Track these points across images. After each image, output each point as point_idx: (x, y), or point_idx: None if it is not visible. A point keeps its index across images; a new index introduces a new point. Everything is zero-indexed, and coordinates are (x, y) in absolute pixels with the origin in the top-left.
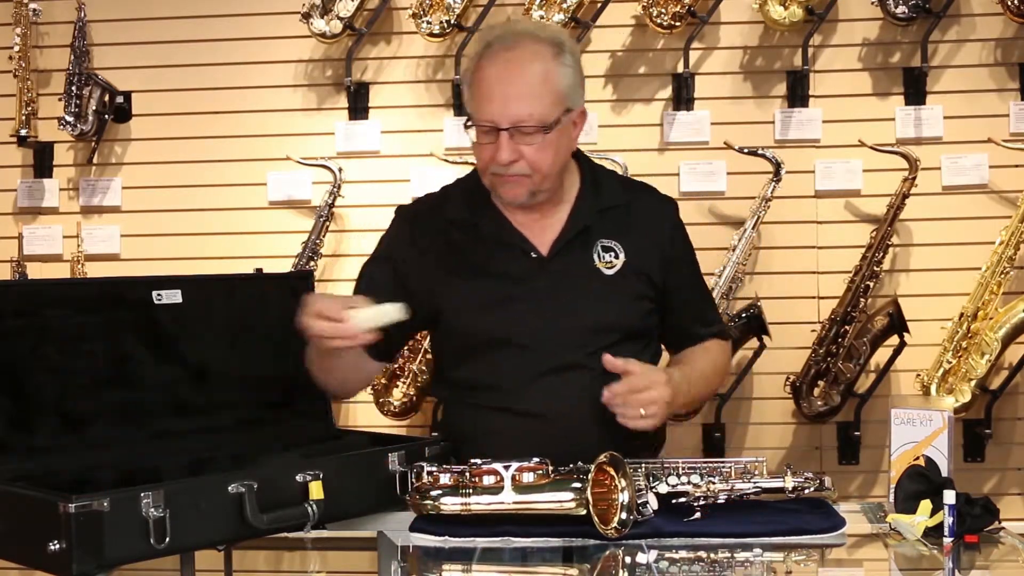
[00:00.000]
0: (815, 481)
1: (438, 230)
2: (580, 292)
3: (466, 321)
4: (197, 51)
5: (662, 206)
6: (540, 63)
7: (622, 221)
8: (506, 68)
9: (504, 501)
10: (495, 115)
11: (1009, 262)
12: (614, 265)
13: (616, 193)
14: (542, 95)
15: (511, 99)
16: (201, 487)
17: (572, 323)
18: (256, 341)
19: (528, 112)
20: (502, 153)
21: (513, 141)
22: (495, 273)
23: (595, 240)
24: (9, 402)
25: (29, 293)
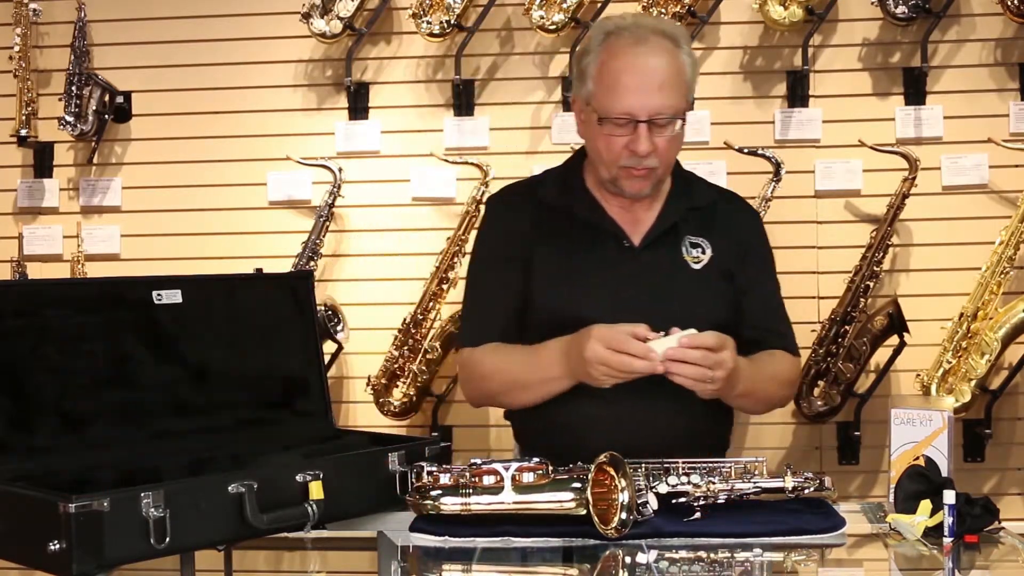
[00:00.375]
0: (815, 481)
1: (531, 213)
2: (669, 283)
3: (555, 302)
4: (197, 51)
5: (748, 213)
6: (671, 56)
7: (709, 220)
8: (642, 61)
9: (504, 501)
10: (634, 107)
11: (1009, 262)
12: (701, 260)
13: (706, 194)
14: (676, 86)
15: (650, 91)
16: (201, 487)
17: (658, 312)
18: (256, 341)
19: (667, 103)
20: (641, 144)
21: (648, 132)
22: (587, 258)
23: (683, 235)
24: (9, 402)
25: (29, 293)
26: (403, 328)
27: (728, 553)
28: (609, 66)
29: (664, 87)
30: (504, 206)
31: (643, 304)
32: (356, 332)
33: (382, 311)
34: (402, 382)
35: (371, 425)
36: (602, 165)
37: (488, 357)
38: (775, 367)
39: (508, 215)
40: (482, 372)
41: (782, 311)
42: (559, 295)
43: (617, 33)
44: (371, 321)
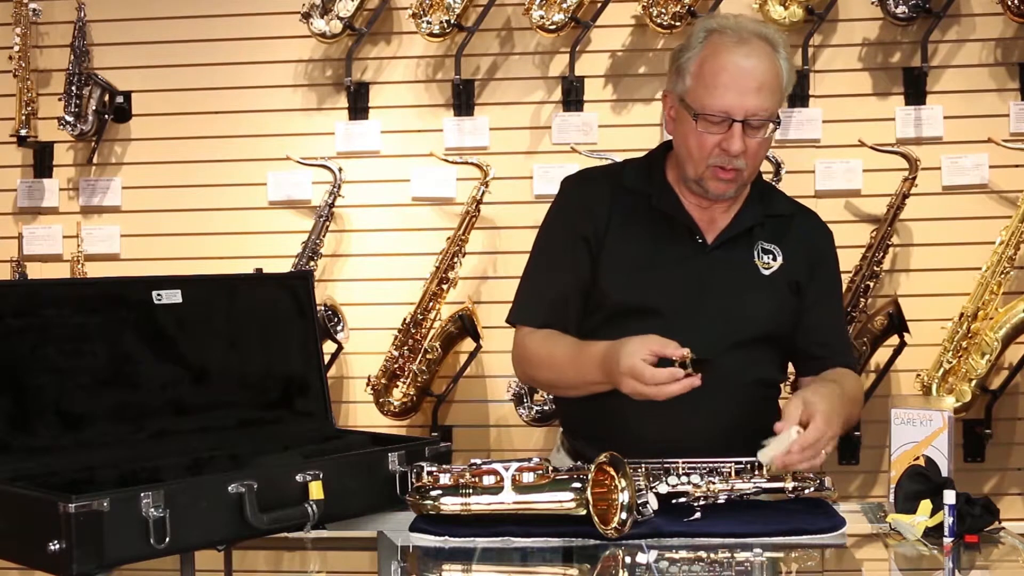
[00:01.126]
0: (815, 481)
1: (610, 195)
2: (736, 284)
3: (620, 289)
4: (197, 51)
5: (823, 230)
6: (770, 59)
7: (783, 229)
8: (744, 60)
9: (504, 501)
10: (732, 106)
11: (1009, 262)
12: (771, 267)
13: (783, 204)
14: (773, 89)
15: (749, 92)
16: (201, 487)
17: (720, 310)
18: (256, 341)
19: (764, 105)
20: (735, 144)
21: (742, 133)
22: (658, 249)
23: (756, 240)
24: (9, 402)
25: (29, 293)
26: (403, 328)
27: (728, 553)
28: (710, 63)
29: (763, 89)
30: (583, 186)
31: (707, 302)
32: (356, 332)
33: (382, 311)
34: (402, 382)
35: (371, 425)
36: (690, 163)
37: (539, 346)
38: (849, 388)
39: (586, 195)
40: (531, 359)
41: (844, 329)
42: (626, 283)
43: (720, 31)
44: (371, 321)
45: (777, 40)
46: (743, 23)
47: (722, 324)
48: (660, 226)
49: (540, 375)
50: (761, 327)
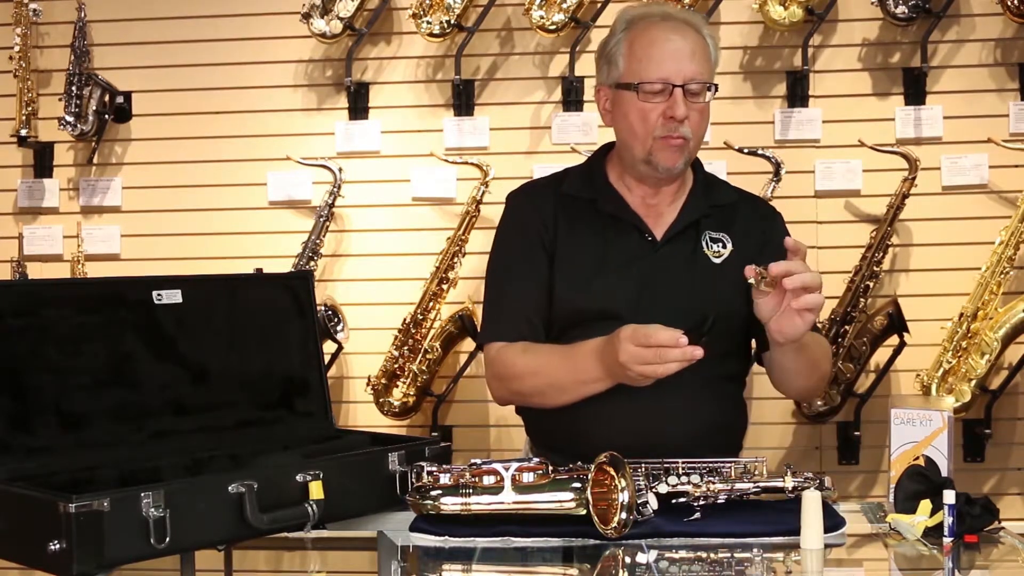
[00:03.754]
0: (815, 481)
1: (554, 205)
2: (687, 276)
3: (575, 295)
4: (197, 51)
5: (769, 212)
6: (695, 32)
7: (730, 218)
8: (674, 31)
9: (504, 501)
10: (670, 72)
11: (1009, 262)
12: (722, 255)
13: (726, 194)
14: (706, 57)
15: (684, 57)
16: (201, 487)
17: (675, 304)
18: (256, 341)
19: (699, 70)
20: (679, 108)
21: (685, 99)
22: (608, 251)
23: (704, 231)
24: (9, 402)
25: (29, 293)
26: (403, 328)
27: (728, 553)
28: (641, 40)
29: (695, 55)
30: (527, 199)
31: (662, 297)
32: (356, 332)
33: (382, 311)
34: (402, 382)
35: (371, 425)
36: (636, 141)
37: (520, 358)
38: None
39: (531, 208)
40: (513, 372)
41: None
42: (580, 288)
43: (642, 16)
44: (371, 321)
45: (699, 22)
46: (663, 8)
47: (677, 318)
48: (608, 228)
49: (527, 385)
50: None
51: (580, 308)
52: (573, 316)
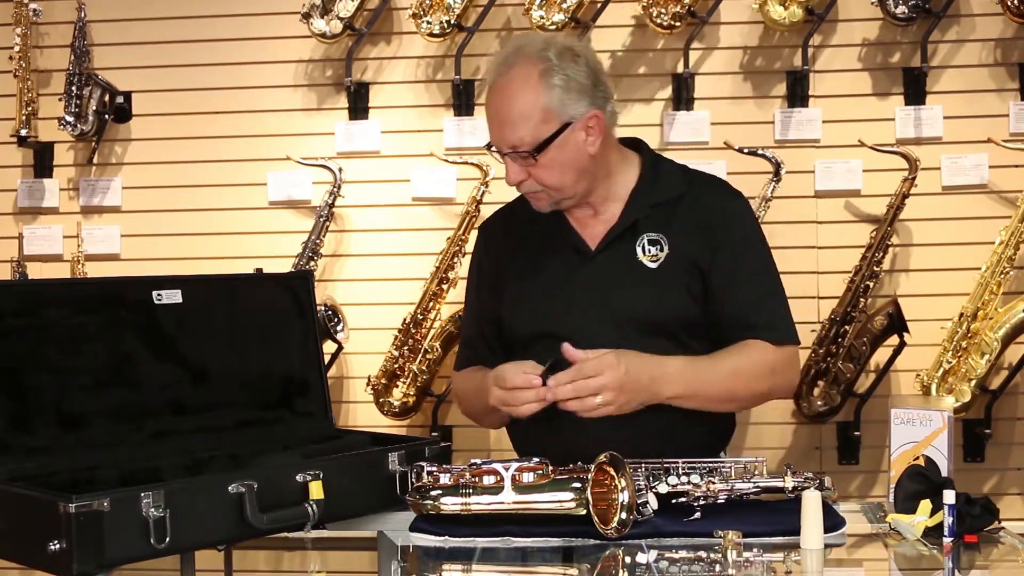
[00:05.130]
0: (815, 481)
1: (507, 231)
2: (621, 285)
3: (515, 316)
4: (197, 51)
5: (722, 199)
6: (526, 87)
7: (674, 213)
8: (498, 96)
9: (504, 501)
10: (494, 141)
11: (1009, 262)
12: (659, 258)
13: (669, 187)
14: (530, 118)
15: (503, 126)
16: (201, 487)
17: (611, 316)
18: (256, 341)
19: (518, 137)
20: (509, 175)
21: (516, 163)
22: (545, 269)
23: (641, 233)
24: (9, 402)
25: (29, 293)
26: (403, 328)
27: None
28: (485, 98)
29: (515, 122)
30: (486, 232)
31: (597, 309)
32: (356, 332)
33: (382, 311)
34: (402, 382)
35: (371, 425)
36: None
37: (459, 383)
38: (740, 361)
39: (487, 240)
40: (458, 397)
41: (768, 297)
42: (522, 311)
43: (495, 65)
44: (371, 321)
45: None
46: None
47: (614, 329)
48: (548, 246)
49: (466, 409)
50: (656, 322)
51: (519, 331)
52: (519, 338)
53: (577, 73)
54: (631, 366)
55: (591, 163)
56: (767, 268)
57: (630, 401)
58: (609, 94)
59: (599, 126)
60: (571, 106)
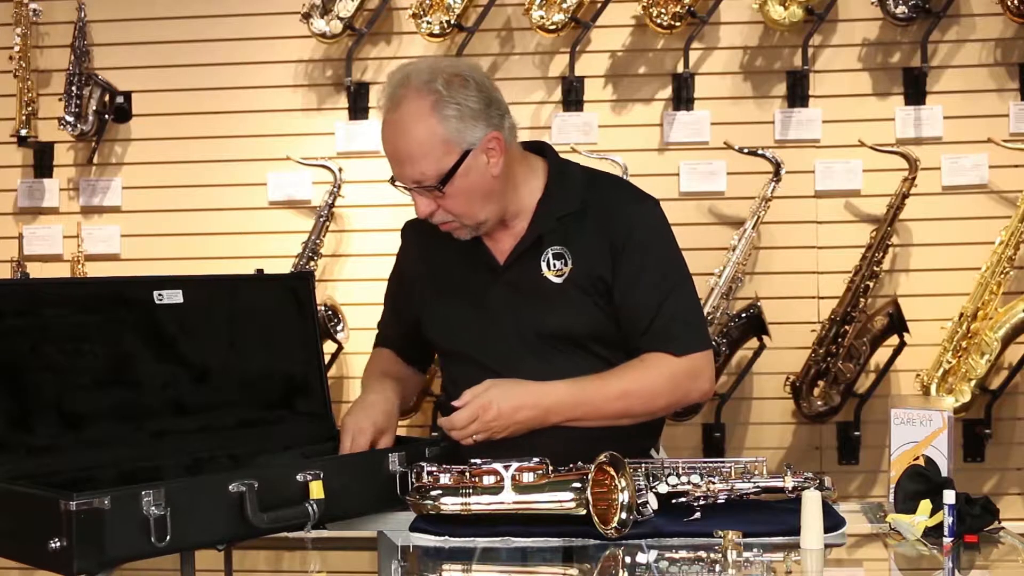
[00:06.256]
0: (815, 481)
1: (427, 239)
2: (527, 302)
3: (432, 333)
4: (197, 51)
5: (626, 204)
6: (419, 121)
7: (579, 224)
8: (392, 132)
9: (504, 501)
10: (397, 176)
11: (1009, 262)
12: (563, 273)
13: (573, 197)
14: (429, 152)
15: (403, 163)
16: (202, 486)
17: (521, 332)
18: (256, 341)
19: (420, 171)
20: (418, 208)
21: (423, 196)
22: (457, 285)
23: (546, 248)
24: (9, 402)
25: (29, 293)
26: None
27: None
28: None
29: (415, 158)
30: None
31: (503, 325)
32: (356, 332)
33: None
34: None
35: None
36: None
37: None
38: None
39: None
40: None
41: (669, 306)
42: (435, 326)
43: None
44: (371, 321)
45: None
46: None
47: (522, 345)
48: (461, 261)
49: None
50: (566, 337)
51: (440, 346)
52: (441, 354)
53: (468, 99)
54: (502, 405)
55: (497, 183)
56: (670, 274)
57: (513, 432)
58: (504, 109)
59: (499, 147)
60: (468, 133)
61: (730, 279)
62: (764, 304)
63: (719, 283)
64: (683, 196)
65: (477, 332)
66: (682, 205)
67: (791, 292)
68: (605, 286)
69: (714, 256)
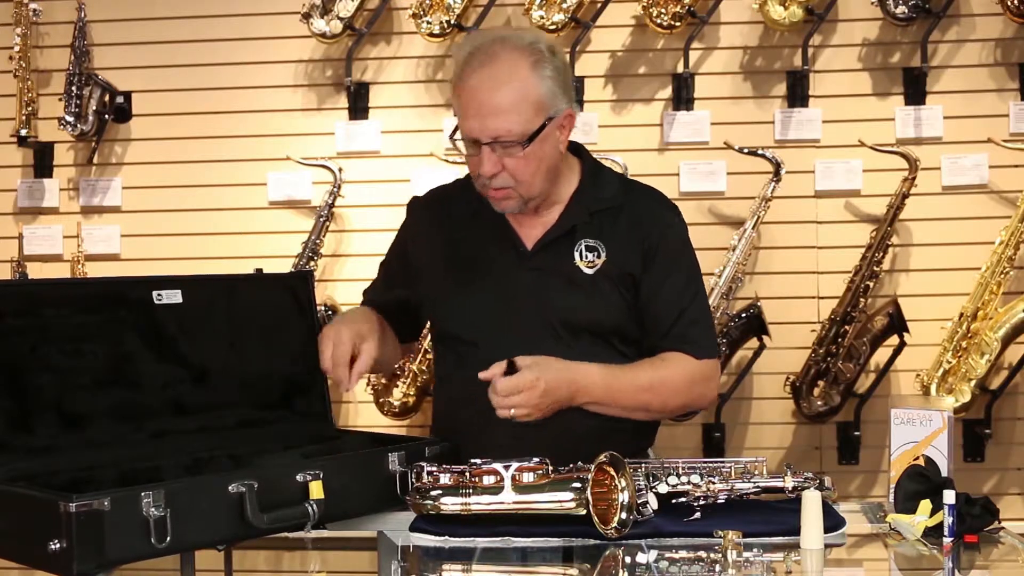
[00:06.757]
0: (815, 481)
1: (442, 219)
2: (555, 288)
3: (443, 315)
4: (197, 51)
5: (660, 211)
6: (518, 77)
7: (612, 222)
8: (484, 83)
9: (504, 501)
10: (475, 130)
11: (1009, 262)
12: (595, 264)
13: (612, 195)
14: (520, 109)
15: (489, 115)
16: (201, 487)
17: (543, 317)
18: (256, 341)
19: (506, 128)
20: (484, 166)
21: (495, 154)
22: (480, 265)
23: (579, 239)
24: (9, 402)
25: (29, 293)
26: None
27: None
28: (458, 88)
29: (506, 111)
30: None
31: (527, 308)
32: None
33: None
34: (402, 382)
35: (371, 425)
36: (475, 184)
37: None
38: (657, 375)
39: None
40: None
41: (692, 311)
42: (449, 311)
43: (471, 52)
44: None
45: (538, 47)
46: (500, 35)
47: (544, 330)
48: (485, 240)
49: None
50: (591, 327)
51: (448, 331)
52: (445, 336)
53: (562, 69)
54: (549, 382)
55: (558, 161)
56: (694, 283)
57: (545, 411)
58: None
59: (570, 125)
60: (556, 101)
61: (730, 279)
62: (764, 304)
63: (719, 283)
64: (683, 196)
65: (497, 313)
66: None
67: (791, 292)
68: (633, 284)
69: (714, 256)
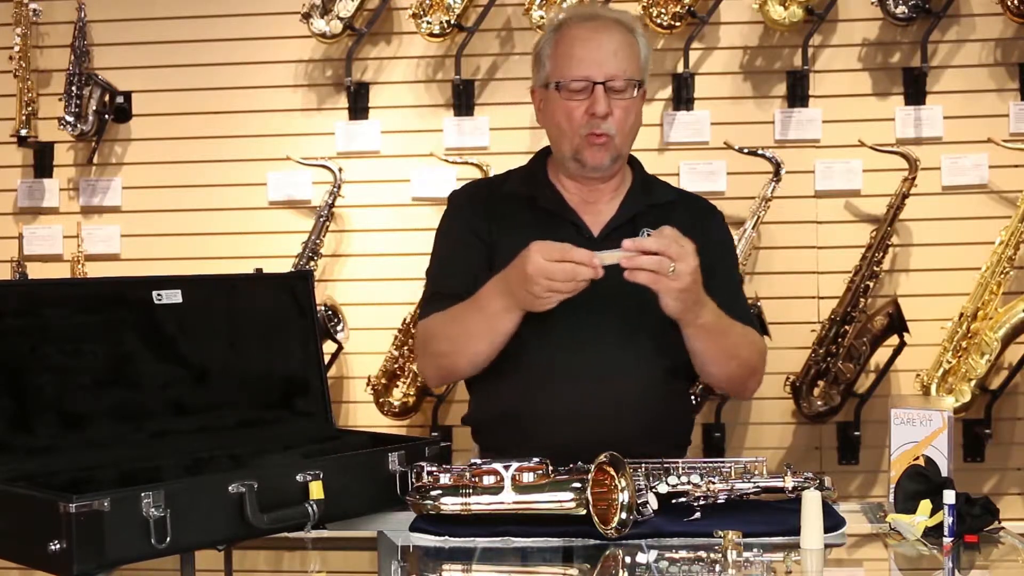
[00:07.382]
0: (815, 481)
1: (493, 206)
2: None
3: None
4: (197, 51)
5: (706, 209)
6: (623, 33)
7: (667, 216)
8: (597, 30)
9: (504, 501)
10: (591, 70)
11: (1009, 262)
12: None
13: (666, 193)
14: (630, 56)
15: (606, 54)
16: (201, 487)
17: (611, 302)
18: (256, 341)
19: (622, 67)
20: (599, 105)
21: (608, 96)
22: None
23: (640, 229)
24: (9, 402)
25: (29, 293)
26: (403, 328)
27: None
28: (565, 40)
29: (618, 53)
30: (467, 199)
31: (597, 295)
32: (356, 332)
33: (382, 311)
34: (402, 382)
35: (371, 425)
36: (565, 139)
37: (434, 319)
38: (747, 331)
39: (470, 207)
40: (431, 334)
41: (743, 301)
42: None
43: (570, 18)
44: (371, 321)
45: (629, 21)
46: (593, 8)
47: (615, 317)
48: (546, 226)
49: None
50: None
51: None
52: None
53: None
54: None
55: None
56: (738, 275)
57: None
58: None
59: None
60: (646, 71)
61: None
62: (764, 304)
63: None
64: None
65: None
66: None
67: (791, 292)
68: None
69: None
